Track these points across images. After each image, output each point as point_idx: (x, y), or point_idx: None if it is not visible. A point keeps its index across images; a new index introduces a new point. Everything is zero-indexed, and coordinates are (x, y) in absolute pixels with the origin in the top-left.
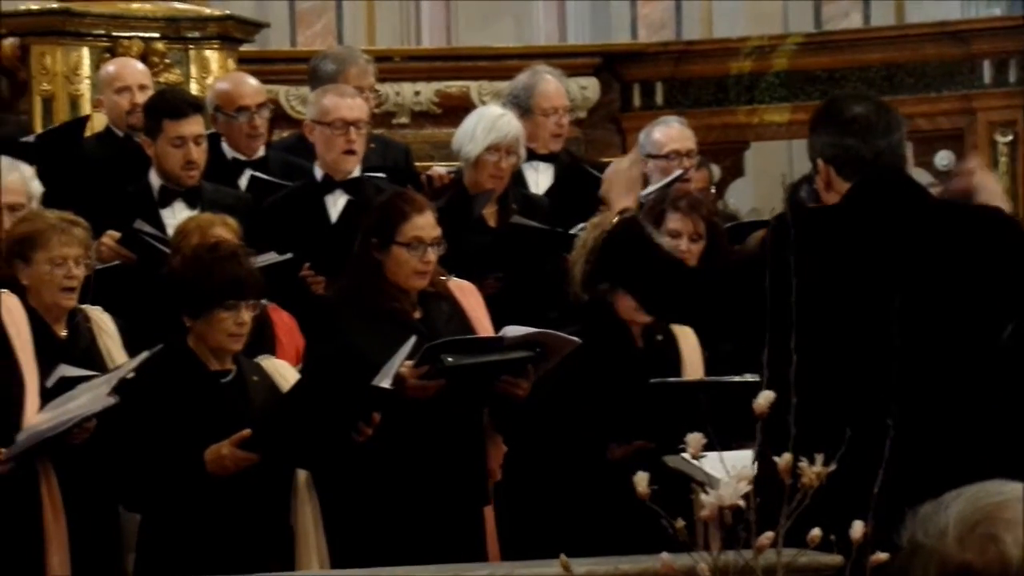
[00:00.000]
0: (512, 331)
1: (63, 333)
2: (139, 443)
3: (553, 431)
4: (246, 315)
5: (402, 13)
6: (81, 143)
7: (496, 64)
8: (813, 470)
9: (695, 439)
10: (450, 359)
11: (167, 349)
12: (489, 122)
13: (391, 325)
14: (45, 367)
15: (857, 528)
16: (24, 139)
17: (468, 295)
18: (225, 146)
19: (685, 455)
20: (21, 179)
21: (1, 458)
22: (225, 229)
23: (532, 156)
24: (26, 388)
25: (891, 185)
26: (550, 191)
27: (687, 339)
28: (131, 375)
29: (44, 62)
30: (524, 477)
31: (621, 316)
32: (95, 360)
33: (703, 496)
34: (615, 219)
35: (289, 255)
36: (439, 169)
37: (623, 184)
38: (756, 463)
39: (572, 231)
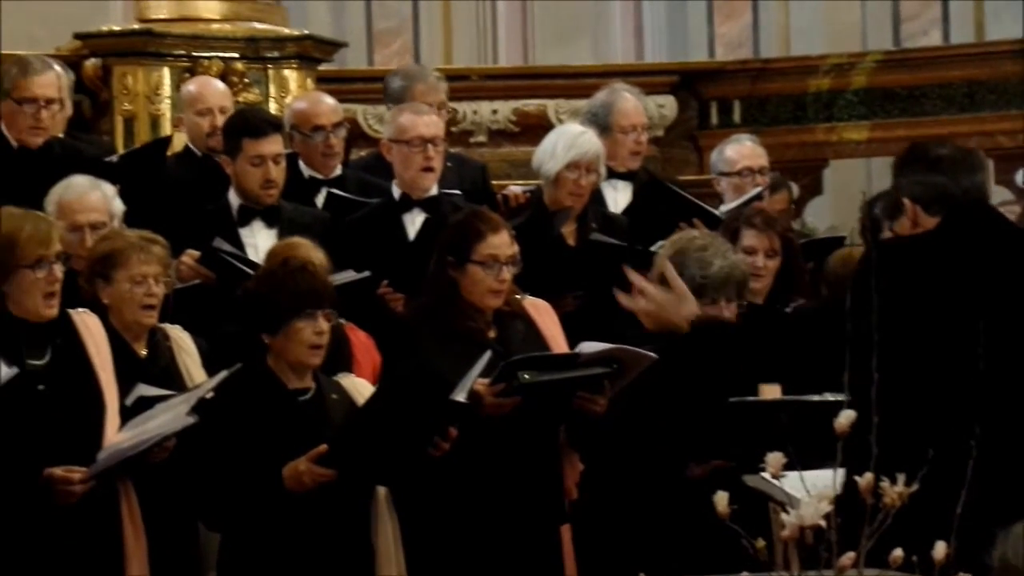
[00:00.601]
0: (588, 347)
1: (143, 352)
2: (218, 462)
3: (631, 449)
4: (323, 324)
5: (479, 32)
6: (163, 163)
7: (573, 82)
8: (895, 490)
9: (775, 458)
10: (526, 376)
11: (246, 368)
12: (569, 140)
13: (466, 344)
14: (125, 386)
15: (939, 549)
16: (107, 159)
17: (543, 314)
18: (302, 165)
19: (765, 475)
20: (103, 198)
21: (82, 477)
22: (314, 252)
23: (610, 174)
24: (106, 407)
25: (978, 217)
26: (628, 209)
27: None
28: (210, 394)
29: (126, 82)
30: (602, 495)
31: None
32: (174, 379)
33: (784, 516)
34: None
35: (367, 273)
36: (515, 188)
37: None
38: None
39: (651, 248)
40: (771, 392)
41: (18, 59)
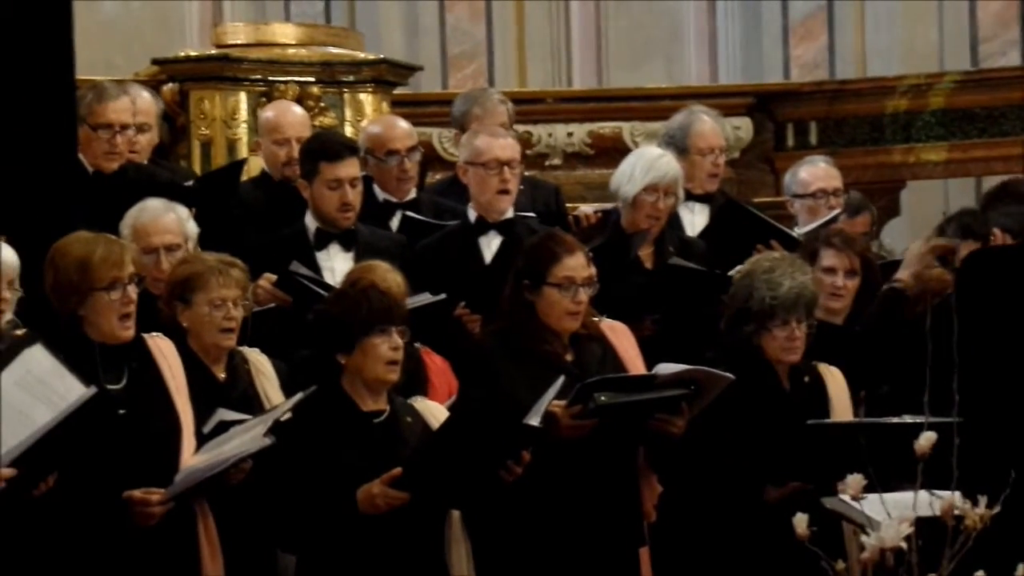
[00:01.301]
0: (665, 368)
1: (222, 375)
2: (293, 485)
3: (708, 472)
4: (398, 339)
5: (553, 55)
6: (237, 186)
7: (649, 105)
8: (976, 512)
9: (855, 481)
10: (603, 398)
11: (321, 391)
12: (648, 162)
13: (542, 367)
14: (204, 409)
15: (1021, 571)
16: (184, 183)
17: (621, 336)
18: (376, 189)
19: (844, 497)
20: (177, 220)
21: (161, 499)
22: (391, 274)
23: (688, 197)
24: (182, 430)
25: None
26: (705, 231)
27: (835, 380)
28: (286, 416)
29: (202, 107)
30: (680, 518)
31: (768, 357)
32: (253, 402)
33: (864, 538)
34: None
35: (443, 296)
36: (586, 209)
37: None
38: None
39: (729, 272)
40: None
41: (93, 85)
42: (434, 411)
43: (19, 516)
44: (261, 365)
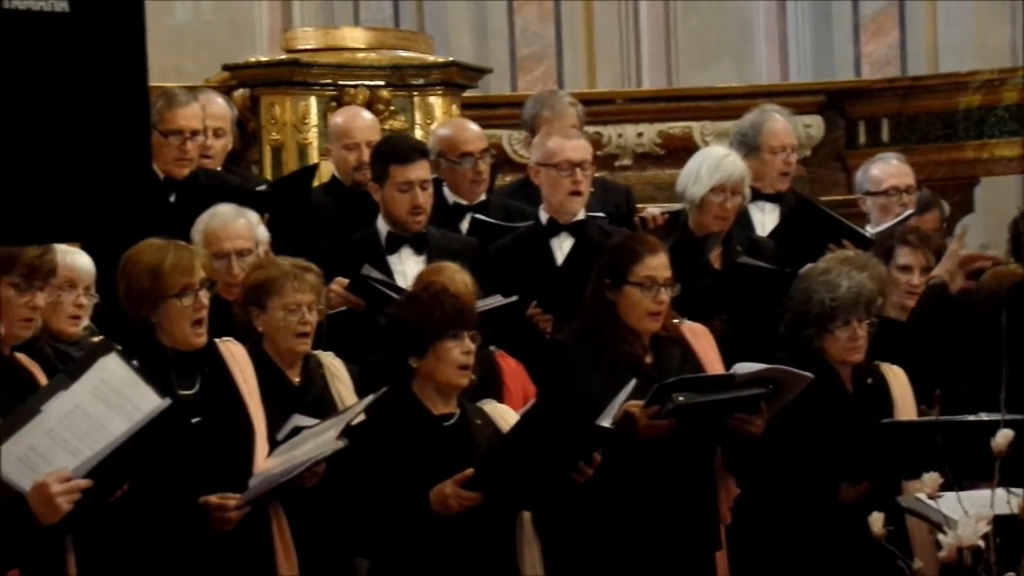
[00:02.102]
0: (743, 368)
1: (297, 379)
2: (366, 488)
3: (782, 473)
4: (470, 344)
5: (623, 55)
6: (309, 191)
7: (719, 104)
8: None
9: (932, 479)
10: (681, 397)
11: (392, 395)
12: (714, 163)
13: (621, 369)
14: (279, 413)
15: None
16: (257, 188)
17: (700, 339)
18: (446, 191)
19: (921, 495)
20: (247, 225)
21: (237, 504)
22: (460, 276)
23: (758, 196)
24: (256, 434)
25: None
26: (776, 231)
27: (898, 380)
28: (357, 419)
29: (273, 112)
30: (754, 520)
31: (831, 359)
32: (327, 406)
33: (941, 537)
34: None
35: (514, 298)
36: (652, 210)
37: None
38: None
39: (801, 271)
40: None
41: (163, 92)
42: (504, 414)
43: (98, 524)
44: (336, 369)
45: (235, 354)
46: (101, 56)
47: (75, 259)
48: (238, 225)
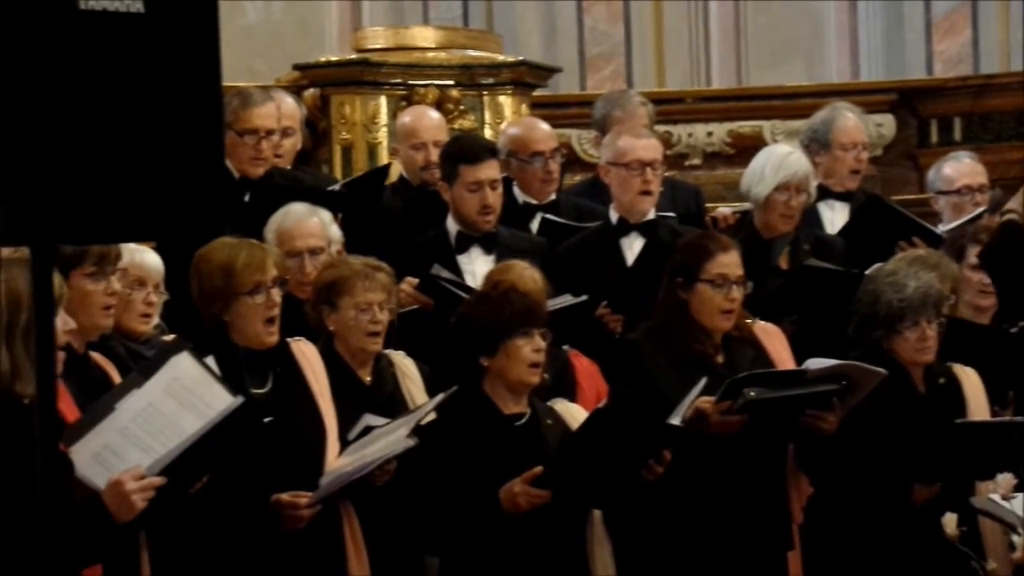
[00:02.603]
0: (815, 364)
1: (368, 378)
2: (436, 487)
3: (854, 472)
4: (540, 342)
5: (692, 54)
6: (382, 191)
7: (789, 103)
8: None
9: (1006, 480)
10: (752, 393)
11: (463, 394)
12: (777, 161)
13: (693, 368)
14: (351, 412)
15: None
16: (330, 188)
17: (773, 338)
18: (516, 191)
19: (994, 496)
20: (320, 224)
21: (309, 502)
22: (529, 273)
23: (828, 194)
24: (327, 433)
25: None
26: (845, 230)
27: (970, 381)
28: (428, 418)
29: (343, 111)
30: (829, 520)
31: (901, 360)
32: (398, 405)
33: (1015, 537)
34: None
35: (584, 297)
36: (724, 210)
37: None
38: None
39: (868, 271)
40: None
41: (239, 91)
42: (574, 414)
43: (171, 522)
44: (407, 368)
45: (307, 353)
46: (175, 56)
47: (144, 257)
48: (311, 224)
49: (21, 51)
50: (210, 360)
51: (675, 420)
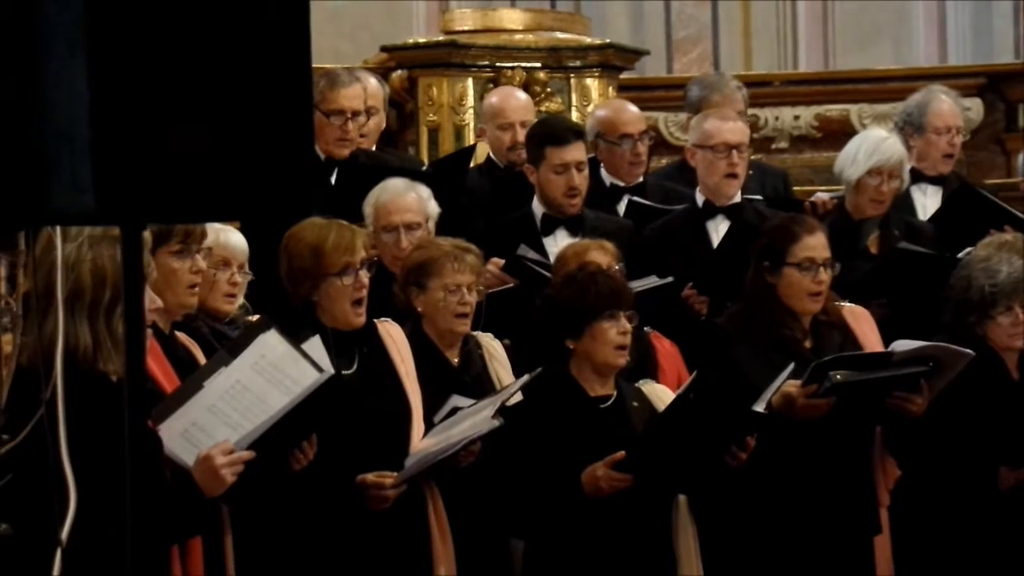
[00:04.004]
0: (902, 345)
1: (456, 360)
2: (521, 469)
3: (942, 455)
4: (626, 324)
5: (779, 37)
6: (466, 173)
7: (877, 87)
8: None
9: None
10: (838, 376)
11: (549, 376)
12: (872, 145)
13: (780, 353)
14: (438, 394)
15: None
16: (420, 168)
17: (862, 321)
18: (604, 173)
19: None
20: (418, 199)
21: (394, 482)
22: (601, 252)
23: (920, 178)
24: (412, 415)
25: None
26: (937, 215)
27: None
28: (512, 399)
29: (431, 93)
30: (916, 503)
31: (994, 346)
32: (485, 386)
33: None
34: None
35: (669, 279)
36: (822, 195)
37: None
38: None
39: (959, 256)
40: None
41: (326, 72)
42: (661, 395)
43: (256, 499)
44: (494, 350)
45: (393, 335)
46: (265, 36)
47: (228, 237)
48: (408, 199)
49: (110, 32)
50: (316, 340)
51: (759, 407)
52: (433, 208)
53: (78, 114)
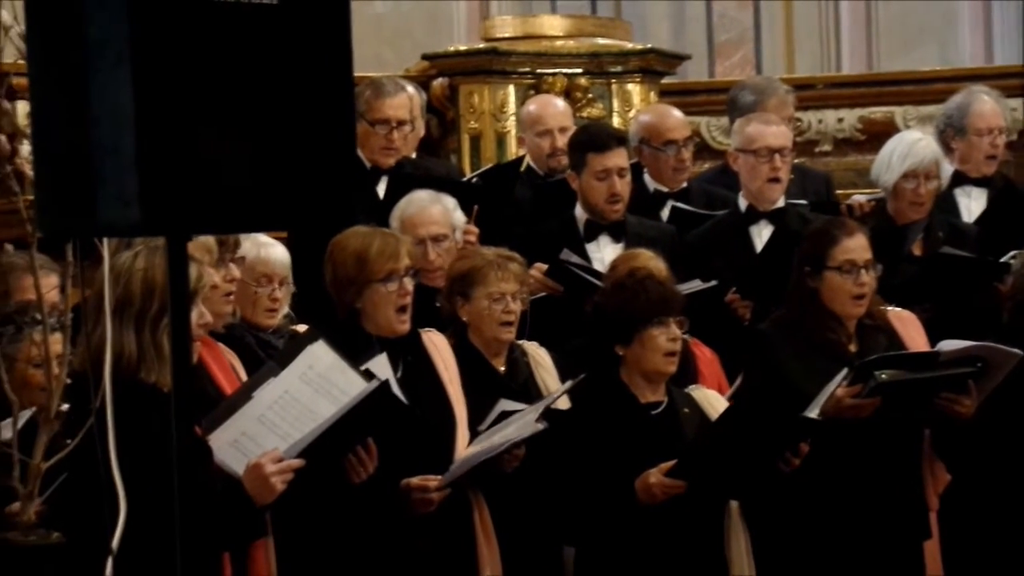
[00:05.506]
0: (948, 345)
1: (502, 368)
2: (573, 476)
3: (991, 457)
4: (676, 330)
5: (822, 40)
6: (516, 182)
7: (921, 88)
8: None
9: None
10: (884, 375)
11: (598, 382)
12: (905, 148)
13: (825, 357)
14: (485, 402)
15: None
16: (466, 179)
17: (908, 325)
18: (647, 178)
19: None
20: (443, 211)
21: (438, 485)
22: (654, 262)
23: (964, 180)
24: (457, 423)
25: None
26: (982, 217)
27: None
28: (558, 403)
29: (472, 100)
30: (967, 508)
31: None
32: (532, 394)
33: None
34: None
35: (713, 283)
36: (860, 197)
37: None
38: None
39: (1002, 259)
40: None
41: (371, 81)
42: (712, 400)
43: (306, 505)
44: (540, 357)
45: (437, 344)
46: (307, 46)
47: (268, 252)
48: (434, 211)
49: (154, 45)
50: (382, 359)
51: (812, 413)
52: (459, 218)
53: (123, 127)
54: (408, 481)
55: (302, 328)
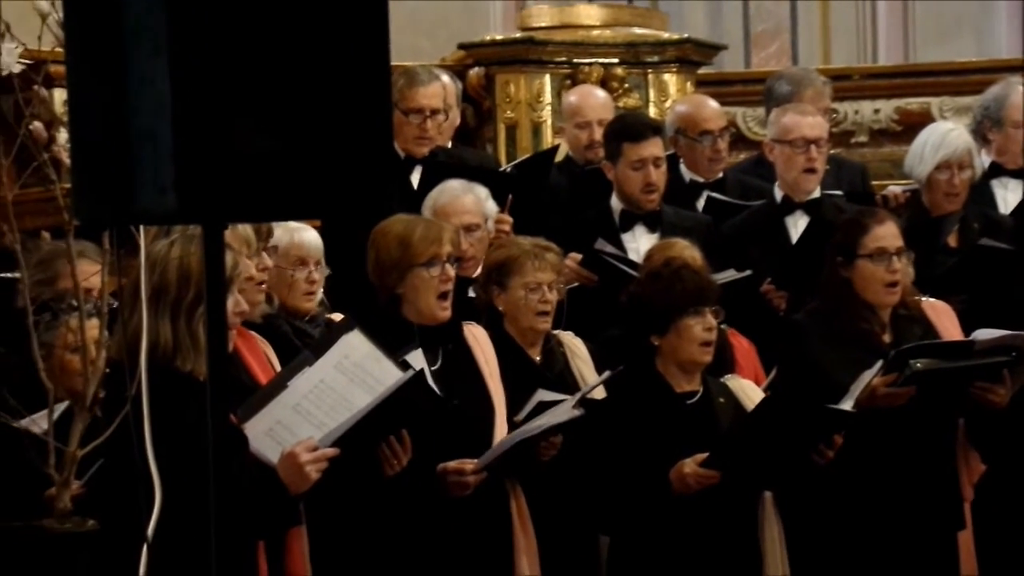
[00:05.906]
0: (984, 334)
1: (538, 358)
2: (608, 465)
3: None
4: (712, 320)
5: (858, 31)
6: (549, 172)
7: (957, 79)
8: None
9: None
10: (919, 364)
11: (634, 372)
12: (937, 139)
13: (859, 348)
14: (521, 392)
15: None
16: (501, 169)
17: (942, 316)
18: (683, 168)
19: None
20: (476, 200)
21: (475, 468)
22: (690, 252)
23: (1000, 171)
24: (495, 414)
25: None
26: (1018, 209)
27: None
28: (595, 393)
29: (508, 90)
30: (1001, 498)
31: None
32: (568, 384)
33: None
34: None
35: (748, 272)
36: (895, 188)
37: None
38: None
39: None
40: None
41: (405, 71)
42: (747, 390)
43: (340, 494)
44: (576, 347)
45: (478, 336)
46: (345, 36)
47: (302, 236)
48: (466, 201)
49: (192, 33)
50: (418, 353)
51: (847, 405)
52: (491, 207)
53: (161, 115)
54: (444, 465)
55: (338, 317)
